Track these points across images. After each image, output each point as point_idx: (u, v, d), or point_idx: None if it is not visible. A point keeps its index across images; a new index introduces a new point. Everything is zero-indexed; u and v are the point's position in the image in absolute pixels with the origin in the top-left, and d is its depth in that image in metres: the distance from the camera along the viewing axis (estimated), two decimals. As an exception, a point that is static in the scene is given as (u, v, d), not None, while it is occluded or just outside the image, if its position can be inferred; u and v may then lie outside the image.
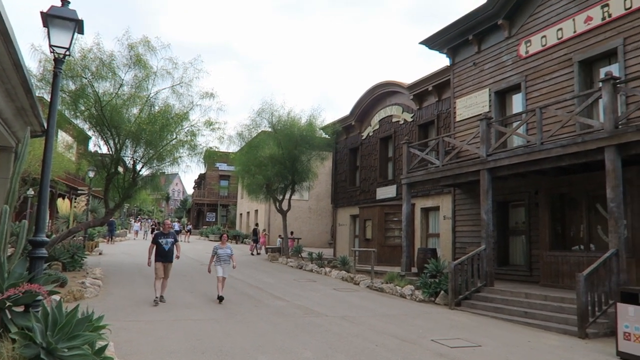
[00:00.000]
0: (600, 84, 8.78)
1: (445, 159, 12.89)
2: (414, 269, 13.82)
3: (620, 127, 8.60)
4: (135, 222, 47.31)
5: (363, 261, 17.24)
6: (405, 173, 14.06)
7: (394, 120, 19.67)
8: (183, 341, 6.64)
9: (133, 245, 29.43)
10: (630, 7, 10.15)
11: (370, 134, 21.43)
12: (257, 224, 30.58)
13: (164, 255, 9.97)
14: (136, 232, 40.54)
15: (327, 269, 16.97)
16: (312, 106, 42.00)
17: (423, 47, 15.93)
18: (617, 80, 8.67)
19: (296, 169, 22.34)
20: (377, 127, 20.90)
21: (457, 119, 14.85)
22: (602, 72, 10.56)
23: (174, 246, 10.14)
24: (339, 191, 24.07)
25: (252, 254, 25.82)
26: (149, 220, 54.99)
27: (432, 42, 15.40)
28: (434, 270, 11.98)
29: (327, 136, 23.68)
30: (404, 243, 13.93)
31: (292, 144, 21.74)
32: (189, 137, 15.28)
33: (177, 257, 10.21)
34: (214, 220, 51.98)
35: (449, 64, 15.47)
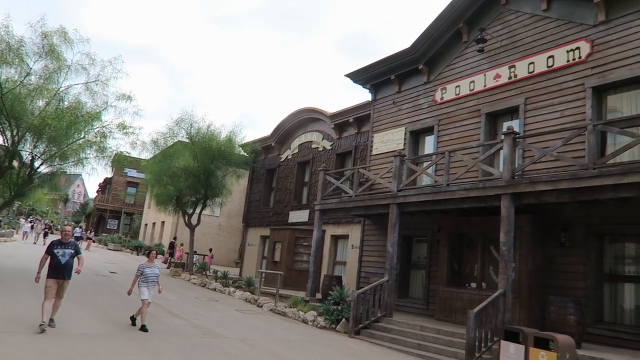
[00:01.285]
0: (503, 137, 9.58)
1: (359, 190, 13.29)
2: (319, 295, 13.94)
3: (516, 178, 9.40)
4: (25, 222, 43.01)
5: (269, 284, 17.10)
6: (319, 199, 14.28)
7: (313, 146, 20.02)
8: None
9: (20, 248, 26.89)
10: (533, 72, 11.27)
11: (290, 157, 21.60)
12: (175, 238, 29.42)
13: (59, 271, 7.91)
14: (25, 234, 36.54)
15: (232, 289, 16.62)
16: (234, 122, 41.86)
17: (349, 79, 16.48)
18: (517, 136, 9.51)
19: (210, 184, 21.85)
20: (297, 151, 21.12)
21: (374, 152, 15.43)
22: (506, 126, 11.53)
23: (75, 259, 8.15)
24: (252, 211, 23.85)
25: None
26: (42, 222, 50.51)
27: (357, 77, 16.00)
28: (338, 298, 12.17)
29: (246, 154, 23.50)
30: (312, 269, 14.04)
31: (209, 158, 21.30)
32: (98, 138, 14.48)
33: (78, 272, 8.25)
34: (116, 228, 49.05)
35: (371, 100, 16.11)
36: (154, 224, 37.43)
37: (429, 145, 13.96)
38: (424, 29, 13.69)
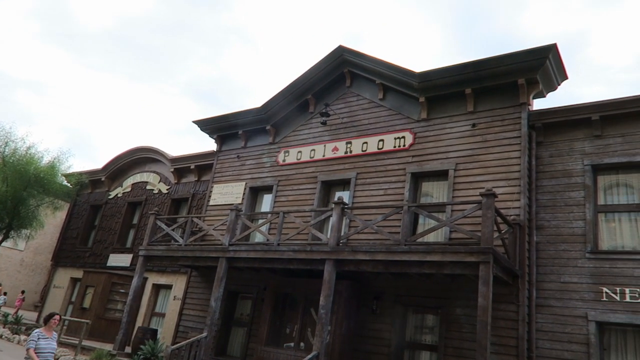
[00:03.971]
0: (333, 206, 10.29)
1: (190, 239, 12.88)
2: (129, 349, 12.79)
3: (340, 244, 10.08)
4: None
5: (72, 332, 15.21)
6: (145, 244, 13.44)
7: (148, 187, 19.02)
8: None
9: None
10: (366, 150, 12.50)
11: (119, 195, 20.13)
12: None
13: None
14: None
15: (24, 337, 14.35)
16: (61, 147, 37.70)
17: (196, 125, 16.28)
18: (345, 206, 10.30)
19: (19, 213, 19.16)
20: (129, 190, 19.82)
21: (211, 202, 15.24)
22: (337, 195, 12.43)
23: None
24: (66, 248, 21.32)
25: None
26: None
27: (205, 125, 15.94)
28: (149, 353, 11.32)
29: (69, 185, 21.28)
30: (125, 318, 12.89)
31: (22, 184, 18.79)
32: None
33: None
34: None
35: (215, 150, 16.08)
36: None
37: (267, 203, 14.30)
38: (276, 93, 14.39)
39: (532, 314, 9.36)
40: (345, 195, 12.36)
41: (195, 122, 16.07)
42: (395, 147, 12.05)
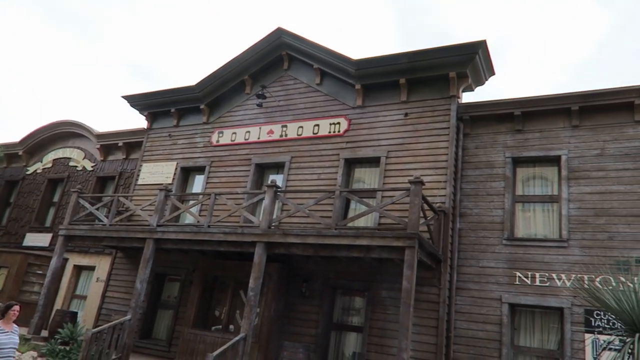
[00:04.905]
0: (266, 188, 10.25)
1: (116, 219, 12.36)
2: (46, 333, 12.16)
3: (272, 228, 10.08)
4: None
5: (-19, 316, 14.19)
6: (66, 223, 12.75)
7: (71, 164, 17.99)
8: None
9: None
10: (301, 135, 12.52)
11: (39, 171, 18.90)
12: None
13: None
14: None
15: None
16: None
17: (125, 100, 15.55)
18: (278, 189, 10.29)
19: None
20: (50, 165, 18.66)
21: (139, 182, 14.69)
22: (271, 178, 12.39)
23: None
24: (-24, 226, 19.77)
25: None
26: None
27: (135, 101, 15.28)
28: (68, 337, 10.82)
29: (-20, 158, 19.68)
30: (42, 301, 12.21)
31: None
32: None
33: None
34: None
35: (146, 127, 15.47)
36: None
37: (198, 184, 13.99)
38: (212, 71, 14.01)
39: (452, 297, 9.87)
40: (279, 179, 12.35)
41: (125, 97, 15.35)
42: (330, 132, 12.16)
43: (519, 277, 9.57)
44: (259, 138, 13.15)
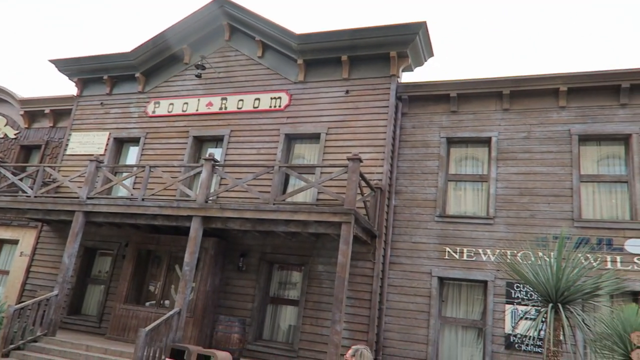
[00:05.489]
0: (203, 162, 10.04)
1: (41, 190, 11.70)
2: (-38, 310, 11.41)
3: (209, 202, 9.93)
4: None
5: None
6: (-15, 195, 11.92)
7: (-9, 130, 16.71)
8: None
9: None
10: (241, 108, 12.31)
11: (-46, 138, 17.43)
12: None
13: None
14: None
15: None
16: None
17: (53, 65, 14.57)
18: (216, 163, 10.11)
19: None
20: (-33, 132, 17.24)
21: (68, 152, 13.94)
22: (209, 151, 12.13)
23: None
24: None
25: None
26: None
27: (64, 66, 14.37)
28: (-12, 314, 10.22)
29: None
30: (-42, 277, 11.45)
31: None
32: None
33: None
34: None
35: (76, 94, 14.61)
36: None
37: (132, 155, 13.47)
38: (149, 38, 13.38)
39: (386, 271, 10.21)
40: (217, 153, 12.13)
41: (53, 61, 14.38)
42: (271, 107, 12.03)
43: (448, 252, 10.03)
44: (197, 110, 12.79)
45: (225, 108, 12.48)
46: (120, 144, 13.73)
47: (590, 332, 6.43)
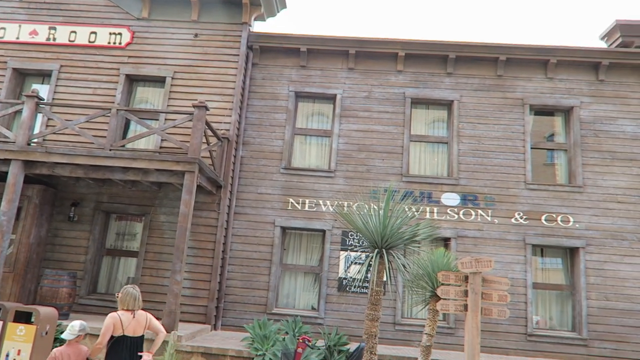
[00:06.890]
0: (25, 98, 8.82)
1: None
2: None
3: (32, 145, 8.83)
4: None
5: None
6: None
7: None
8: None
9: None
10: (74, 41, 10.96)
11: None
12: None
13: None
14: None
15: None
16: None
17: None
18: (41, 101, 8.96)
19: None
20: None
21: None
22: (33, 87, 10.69)
23: None
24: None
25: None
26: None
27: None
28: None
29: None
30: None
31: None
32: None
33: None
34: None
35: None
36: None
37: None
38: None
39: (230, 221, 10.28)
40: (44, 89, 10.75)
41: None
42: (109, 43, 10.92)
43: (291, 203, 10.43)
44: (18, 38, 11.06)
45: (54, 39, 11.00)
46: None
47: (408, 274, 7.29)
